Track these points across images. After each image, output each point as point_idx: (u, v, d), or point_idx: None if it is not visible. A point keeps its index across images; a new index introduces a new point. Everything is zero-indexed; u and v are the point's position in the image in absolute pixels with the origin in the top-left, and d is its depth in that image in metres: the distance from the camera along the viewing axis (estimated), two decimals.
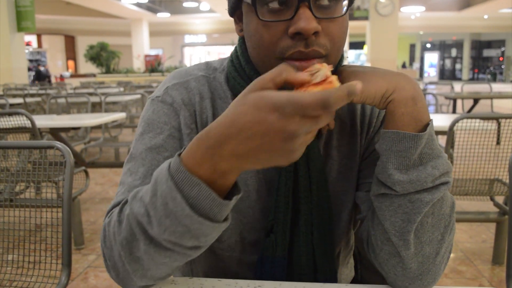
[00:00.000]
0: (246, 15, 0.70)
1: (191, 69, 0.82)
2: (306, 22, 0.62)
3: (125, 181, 0.73)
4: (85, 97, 4.60)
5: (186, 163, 0.54)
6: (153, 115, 0.76)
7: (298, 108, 0.46)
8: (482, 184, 2.49)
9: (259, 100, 0.49)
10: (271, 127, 0.48)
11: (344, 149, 0.81)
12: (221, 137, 0.51)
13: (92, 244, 2.99)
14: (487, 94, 6.00)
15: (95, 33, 22.74)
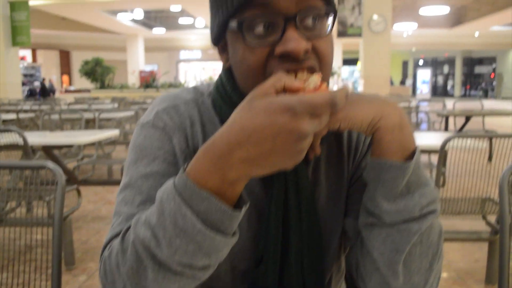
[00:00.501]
0: (232, 44, 0.69)
1: (179, 92, 0.81)
2: (296, 42, 0.62)
3: (121, 210, 0.70)
4: (78, 113, 4.59)
5: (193, 178, 0.54)
6: (145, 141, 0.74)
7: (309, 107, 0.50)
8: (474, 203, 2.50)
9: (268, 104, 0.51)
10: (283, 128, 0.50)
11: (332, 174, 0.80)
12: (230, 145, 0.52)
13: (83, 264, 2.95)
14: (478, 112, 6.06)
15: (90, 48, 22.82)
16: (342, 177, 0.81)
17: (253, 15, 0.63)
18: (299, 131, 0.50)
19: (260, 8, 0.63)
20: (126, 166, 0.75)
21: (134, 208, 0.69)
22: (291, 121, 0.50)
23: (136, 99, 12.49)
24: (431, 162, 3.95)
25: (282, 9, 0.63)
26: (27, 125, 7.11)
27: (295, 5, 0.63)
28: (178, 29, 21.47)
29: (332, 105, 0.50)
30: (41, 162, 1.36)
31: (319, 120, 0.52)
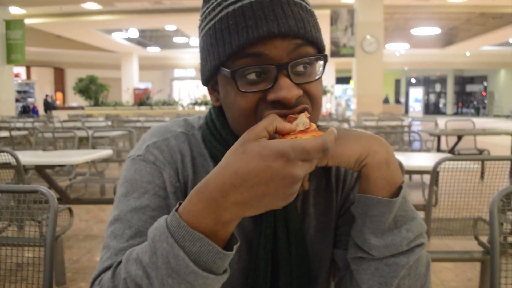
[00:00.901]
0: (224, 87, 0.70)
1: (170, 125, 0.81)
2: (287, 90, 0.63)
3: (110, 244, 0.70)
4: (72, 132, 4.58)
5: (186, 219, 0.54)
6: (135, 175, 0.74)
7: (302, 153, 0.51)
8: (466, 223, 2.51)
9: (261, 149, 0.52)
10: (277, 173, 0.51)
11: (320, 206, 0.81)
12: (224, 188, 0.53)
13: (74, 284, 2.92)
14: (470, 131, 6.12)
15: (85, 66, 22.89)
16: (331, 209, 0.82)
17: (246, 64, 0.64)
18: (292, 176, 0.52)
19: (252, 58, 0.64)
20: (117, 199, 0.75)
21: (124, 243, 0.69)
22: (285, 167, 0.51)
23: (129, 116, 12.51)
24: (424, 181, 3.97)
25: (274, 59, 0.64)
26: (20, 142, 7.08)
27: (286, 54, 0.64)
28: (172, 48, 21.64)
29: (324, 150, 0.52)
30: (34, 187, 1.36)
31: (310, 164, 0.54)
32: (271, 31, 0.63)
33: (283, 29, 0.63)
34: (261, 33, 0.63)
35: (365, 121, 8.61)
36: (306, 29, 0.65)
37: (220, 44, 0.66)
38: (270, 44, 0.63)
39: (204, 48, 0.71)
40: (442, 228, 2.47)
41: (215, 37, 0.67)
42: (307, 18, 0.66)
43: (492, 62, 24.31)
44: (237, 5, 0.65)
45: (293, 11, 0.65)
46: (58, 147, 6.34)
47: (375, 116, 9.97)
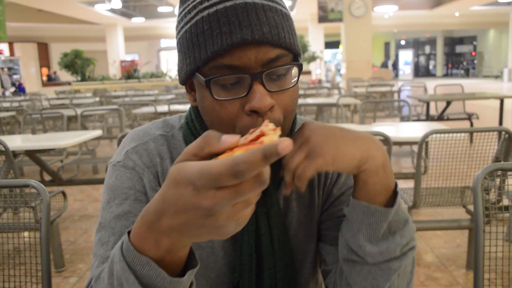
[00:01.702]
0: (200, 91, 0.70)
1: (148, 128, 0.82)
2: (261, 100, 0.64)
3: (97, 252, 0.72)
4: (60, 113, 4.54)
5: (133, 241, 0.53)
6: (116, 181, 0.76)
7: (209, 180, 0.43)
8: (454, 192, 2.57)
9: (176, 174, 0.46)
10: (187, 203, 0.45)
11: (303, 200, 0.83)
12: (157, 212, 0.49)
13: (72, 265, 2.96)
14: (459, 96, 6.15)
15: (69, 39, 22.38)
16: (313, 202, 0.84)
17: (221, 73, 0.65)
18: (202, 208, 0.44)
19: (228, 69, 0.65)
20: (101, 206, 0.77)
21: (109, 250, 0.71)
22: (193, 196, 0.44)
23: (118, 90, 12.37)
24: (413, 150, 4.02)
25: (248, 66, 0.64)
26: (9, 122, 7.01)
27: (260, 62, 0.64)
28: (157, 18, 21.16)
29: (234, 174, 0.41)
30: (25, 181, 1.37)
31: (235, 192, 0.43)
32: (245, 38, 0.62)
33: (257, 36, 0.63)
34: (235, 40, 0.62)
35: (355, 88, 8.61)
36: (280, 36, 0.65)
37: (196, 49, 0.66)
38: (244, 51, 0.63)
39: (180, 51, 0.71)
40: (431, 198, 2.53)
41: (191, 41, 0.67)
42: (281, 23, 0.66)
43: (481, 22, 24.14)
44: (212, 9, 0.64)
45: (268, 17, 0.64)
46: (47, 126, 6.30)
47: (364, 82, 9.96)
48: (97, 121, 7.51)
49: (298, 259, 0.83)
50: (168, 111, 5.49)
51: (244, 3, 0.64)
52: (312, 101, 5.95)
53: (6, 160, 2.86)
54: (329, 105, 5.62)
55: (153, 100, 7.13)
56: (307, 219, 0.83)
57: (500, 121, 6.15)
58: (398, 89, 7.78)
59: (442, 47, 31.87)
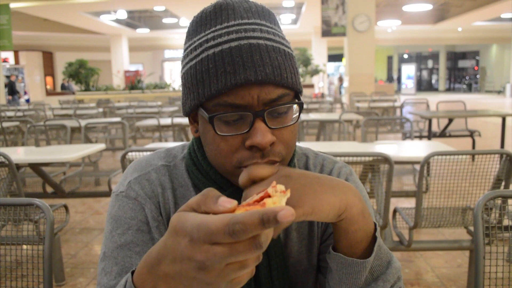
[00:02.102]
0: (203, 124, 0.73)
1: (151, 158, 0.84)
2: (262, 136, 0.66)
3: (101, 282, 0.74)
4: (64, 124, 4.58)
5: (136, 282, 0.55)
6: (119, 211, 0.78)
7: (205, 234, 0.44)
8: (456, 212, 2.57)
9: (176, 223, 0.48)
10: (183, 253, 0.46)
11: (303, 230, 0.84)
12: (158, 256, 0.51)
13: (73, 279, 2.96)
14: (461, 113, 6.17)
15: (74, 49, 22.55)
16: (312, 232, 0.84)
17: (224, 110, 0.67)
18: (195, 260, 0.45)
19: (231, 106, 0.67)
20: (104, 236, 0.79)
21: (112, 280, 0.73)
22: (187, 248, 0.46)
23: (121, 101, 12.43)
24: (415, 168, 4.02)
25: (251, 105, 0.67)
26: (12, 131, 7.05)
27: (262, 104, 0.67)
28: (162, 29, 21.33)
29: (230, 233, 0.42)
30: (29, 200, 1.39)
31: (230, 252, 0.43)
32: (248, 79, 0.65)
33: (260, 77, 0.65)
34: (239, 80, 0.65)
35: (357, 103, 8.63)
36: (282, 76, 0.67)
37: (200, 86, 0.68)
38: (247, 90, 0.66)
39: (185, 85, 0.73)
40: (433, 218, 2.52)
41: (195, 77, 0.69)
42: (284, 63, 0.68)
43: (484, 37, 24.26)
44: (217, 49, 0.67)
45: (271, 58, 0.67)
46: (50, 136, 6.33)
47: (367, 96, 9.99)
48: (100, 132, 7.55)
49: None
50: (171, 124, 5.51)
51: (249, 44, 0.66)
52: (314, 116, 5.97)
53: (9, 173, 2.88)
54: (332, 121, 5.64)
55: (156, 112, 7.16)
56: (307, 249, 0.84)
57: (502, 138, 6.15)
58: (401, 105, 7.81)
59: (444, 61, 31.98)
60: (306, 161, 0.88)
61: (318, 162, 0.88)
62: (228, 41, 0.67)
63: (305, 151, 0.89)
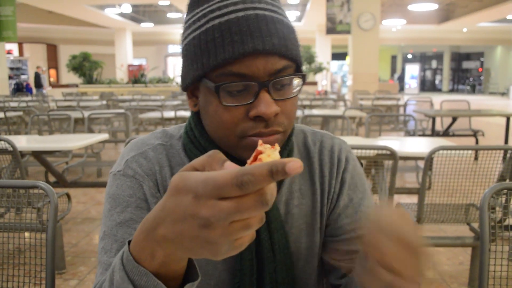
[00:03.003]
0: (205, 96, 0.73)
1: (147, 138, 0.84)
2: (267, 106, 0.67)
3: (101, 260, 0.74)
4: (67, 115, 4.57)
5: (132, 251, 0.53)
6: (117, 190, 0.77)
7: (213, 188, 0.42)
8: (459, 209, 2.56)
9: (178, 182, 0.45)
10: (185, 211, 0.44)
11: (304, 207, 0.84)
12: (155, 219, 0.48)
13: (73, 268, 2.97)
14: (465, 112, 6.15)
15: (78, 42, 22.54)
16: (315, 210, 0.85)
17: (230, 80, 0.68)
18: (199, 216, 0.43)
19: (236, 76, 0.68)
20: (103, 215, 0.78)
21: (113, 257, 0.72)
22: (192, 204, 0.43)
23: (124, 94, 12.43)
24: (418, 165, 4.01)
25: (256, 75, 0.68)
26: (15, 122, 7.05)
27: (268, 71, 0.68)
28: (166, 23, 21.32)
29: (238, 184, 0.40)
30: (33, 182, 1.38)
31: (235, 208, 0.42)
32: (256, 48, 0.66)
33: (267, 47, 0.66)
34: (247, 49, 0.66)
35: (361, 100, 8.62)
36: (287, 47, 0.69)
37: (205, 56, 0.68)
38: (253, 60, 0.67)
39: (186, 56, 0.73)
40: (435, 214, 2.52)
41: (199, 47, 0.69)
42: (289, 35, 0.70)
43: (489, 38, 24.19)
44: (223, 19, 0.67)
45: (277, 29, 0.68)
46: (53, 128, 6.33)
47: (370, 94, 9.97)
48: (103, 124, 7.55)
49: (300, 266, 0.83)
50: (174, 117, 5.50)
51: (255, 14, 0.67)
52: (318, 112, 5.96)
53: (13, 160, 2.88)
54: (335, 117, 5.63)
55: (159, 106, 7.16)
56: (308, 226, 0.84)
57: (505, 138, 6.13)
58: (404, 103, 7.78)
59: (449, 62, 31.88)
60: (304, 138, 0.88)
61: (317, 139, 0.88)
62: (235, 11, 0.67)
63: (302, 128, 0.90)
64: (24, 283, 1.36)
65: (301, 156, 0.87)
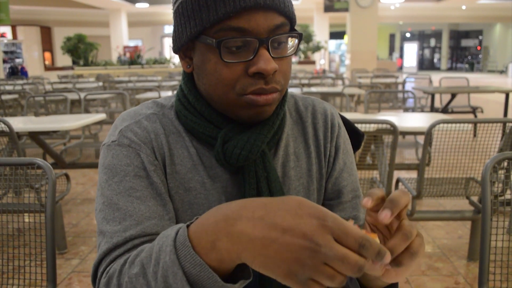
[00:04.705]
0: (202, 54, 0.72)
1: (139, 108, 0.83)
2: (267, 63, 0.67)
3: (104, 229, 0.71)
4: (63, 95, 4.53)
5: (193, 231, 0.52)
6: (113, 160, 0.75)
7: (338, 227, 0.45)
8: (458, 183, 2.57)
9: (303, 201, 0.48)
10: (300, 227, 0.46)
11: (300, 169, 0.84)
12: (242, 211, 0.49)
13: (75, 248, 2.97)
14: (464, 89, 6.12)
15: (72, 24, 22.24)
16: (310, 172, 0.85)
17: (229, 35, 0.67)
18: (314, 240, 0.45)
19: (235, 31, 0.67)
20: (100, 187, 0.75)
21: (117, 225, 0.70)
22: (314, 227, 0.45)
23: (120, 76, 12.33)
24: (417, 141, 4.01)
25: (256, 32, 0.68)
26: (11, 105, 7.00)
27: (267, 31, 0.69)
28: (161, 3, 21.01)
29: (361, 244, 0.45)
30: (31, 159, 1.36)
31: (339, 257, 0.44)
32: (257, 2, 0.66)
33: (268, 1, 0.67)
34: (248, 3, 0.66)
35: (359, 78, 8.56)
36: (285, 4, 0.70)
37: (204, 11, 0.67)
38: (253, 14, 0.67)
39: (183, 14, 0.71)
40: (435, 188, 2.52)
41: (197, 3, 0.68)
42: None
43: (488, 16, 23.91)
44: None
45: None
46: (50, 110, 6.29)
47: (369, 73, 9.91)
48: (100, 106, 7.50)
49: None
50: None
51: None
52: (316, 90, 5.92)
53: (9, 141, 2.85)
54: (334, 94, 5.59)
55: (156, 86, 7.11)
56: (304, 188, 0.85)
57: (504, 115, 6.12)
58: (403, 81, 7.74)
59: (447, 40, 31.65)
60: (295, 103, 0.89)
61: (309, 104, 0.89)
62: None
63: (291, 93, 0.91)
64: (25, 263, 1.36)
65: (292, 120, 0.87)
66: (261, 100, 0.70)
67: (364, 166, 2.84)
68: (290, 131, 0.85)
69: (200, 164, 0.78)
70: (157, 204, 0.73)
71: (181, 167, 0.78)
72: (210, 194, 0.78)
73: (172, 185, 0.77)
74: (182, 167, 0.78)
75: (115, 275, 0.62)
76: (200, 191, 0.78)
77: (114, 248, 0.68)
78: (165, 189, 0.76)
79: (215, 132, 0.76)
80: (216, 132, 0.76)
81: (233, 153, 0.74)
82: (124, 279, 0.59)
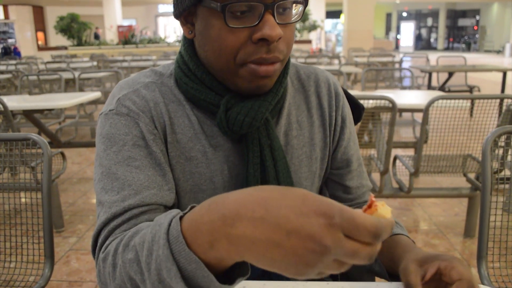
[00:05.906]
0: (205, 19, 0.69)
1: (137, 77, 0.80)
2: (272, 29, 0.65)
3: (102, 199, 0.70)
4: (57, 74, 4.47)
5: (186, 228, 0.49)
6: (111, 129, 0.73)
7: (348, 223, 0.41)
8: (456, 160, 2.57)
9: (307, 196, 0.43)
10: (306, 228, 0.41)
11: (303, 138, 0.84)
12: (241, 211, 0.44)
13: (72, 226, 2.97)
14: (461, 67, 6.09)
15: (65, 3, 21.87)
16: (313, 141, 0.85)
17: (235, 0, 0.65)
18: (322, 243, 0.41)
19: None
20: (98, 157, 0.74)
21: (115, 195, 0.69)
22: (321, 228, 0.41)
23: (115, 55, 12.19)
24: (414, 119, 4.00)
25: None
26: (5, 85, 6.91)
27: None
28: None
29: (375, 235, 0.41)
30: (25, 134, 1.34)
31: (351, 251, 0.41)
32: None
33: None
34: None
35: (356, 57, 8.50)
36: None
37: None
38: None
39: None
40: (432, 165, 2.52)
41: None
42: None
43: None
44: None
45: None
46: (44, 90, 6.22)
47: (366, 52, 9.84)
48: (95, 86, 7.42)
49: None
50: None
51: None
52: None
53: (4, 120, 2.82)
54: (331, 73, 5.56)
55: (152, 65, 7.03)
56: (307, 157, 0.84)
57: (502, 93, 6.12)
58: (400, 60, 7.69)
59: (444, 20, 31.43)
60: (297, 72, 0.88)
61: (311, 72, 0.88)
62: None
63: (292, 62, 0.89)
64: (22, 242, 1.35)
65: (294, 88, 0.86)
66: (262, 71, 0.68)
67: (361, 144, 2.83)
68: (292, 100, 0.84)
69: (201, 132, 0.77)
70: (156, 174, 0.72)
71: (182, 136, 0.76)
72: (212, 163, 0.77)
73: (173, 154, 0.76)
74: (183, 136, 0.76)
75: (111, 253, 0.61)
76: (202, 160, 0.77)
77: (113, 218, 0.67)
78: (164, 159, 0.74)
79: (217, 99, 0.75)
80: (218, 99, 0.75)
81: (236, 119, 0.73)
82: (118, 262, 0.59)
